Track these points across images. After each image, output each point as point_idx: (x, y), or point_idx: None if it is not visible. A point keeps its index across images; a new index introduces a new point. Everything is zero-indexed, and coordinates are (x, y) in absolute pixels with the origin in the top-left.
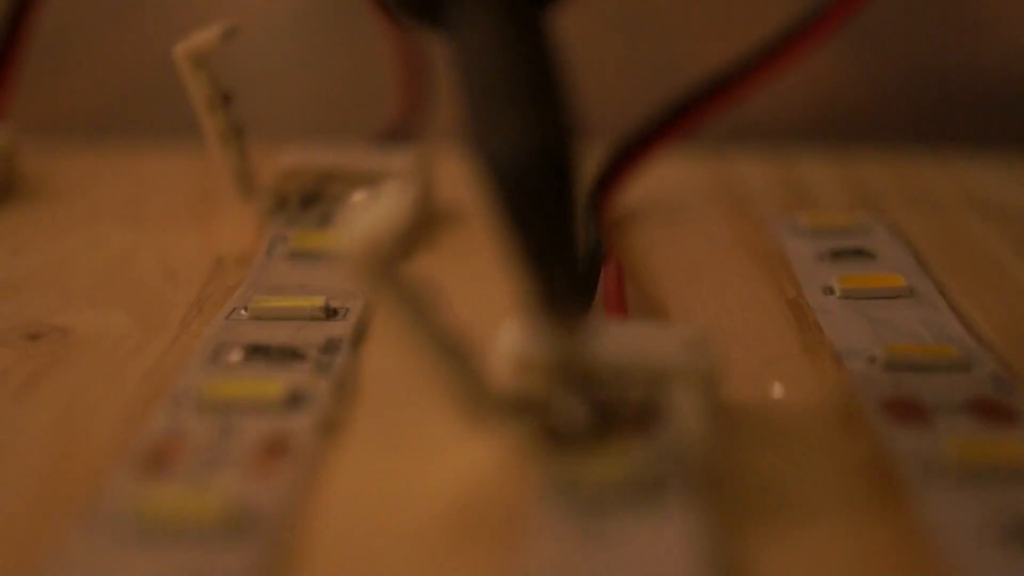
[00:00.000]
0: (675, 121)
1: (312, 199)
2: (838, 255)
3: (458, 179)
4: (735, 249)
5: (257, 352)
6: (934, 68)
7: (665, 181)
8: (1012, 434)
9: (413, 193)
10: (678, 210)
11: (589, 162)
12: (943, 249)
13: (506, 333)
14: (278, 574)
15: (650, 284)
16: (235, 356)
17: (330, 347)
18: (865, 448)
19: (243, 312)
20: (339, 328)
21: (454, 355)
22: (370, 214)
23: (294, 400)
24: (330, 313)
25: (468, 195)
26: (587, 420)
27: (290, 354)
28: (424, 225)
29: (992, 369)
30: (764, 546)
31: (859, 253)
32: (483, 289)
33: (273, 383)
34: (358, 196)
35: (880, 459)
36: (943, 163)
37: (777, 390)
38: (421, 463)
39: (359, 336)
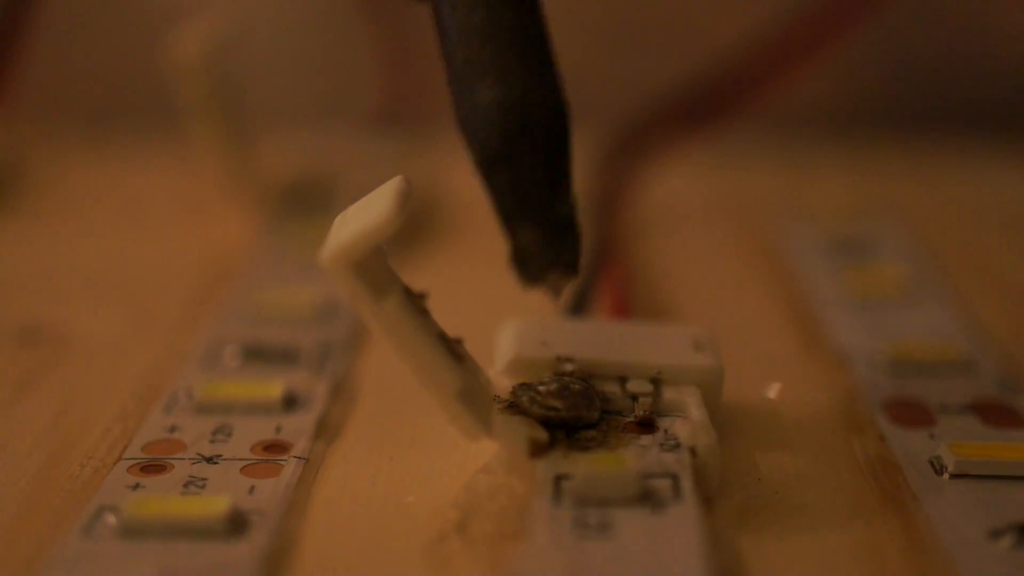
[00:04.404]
0: (687, 112)
1: (309, 197)
2: (843, 256)
3: (456, 175)
4: (739, 250)
5: (254, 353)
6: (951, 60)
7: (671, 184)
8: (1016, 435)
9: (407, 196)
10: (683, 212)
11: (592, 153)
12: (950, 248)
13: (503, 334)
14: (275, 575)
15: (654, 285)
16: (232, 357)
17: (328, 348)
18: (867, 449)
19: (240, 313)
20: (337, 329)
21: (442, 361)
22: (358, 220)
23: (291, 402)
24: (328, 313)
25: (466, 193)
26: (591, 418)
27: (287, 355)
28: (421, 225)
29: (997, 370)
30: (764, 546)
31: (864, 254)
32: (480, 290)
33: (271, 384)
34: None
35: (882, 460)
36: (955, 159)
37: (778, 390)
38: (419, 464)
39: (358, 337)
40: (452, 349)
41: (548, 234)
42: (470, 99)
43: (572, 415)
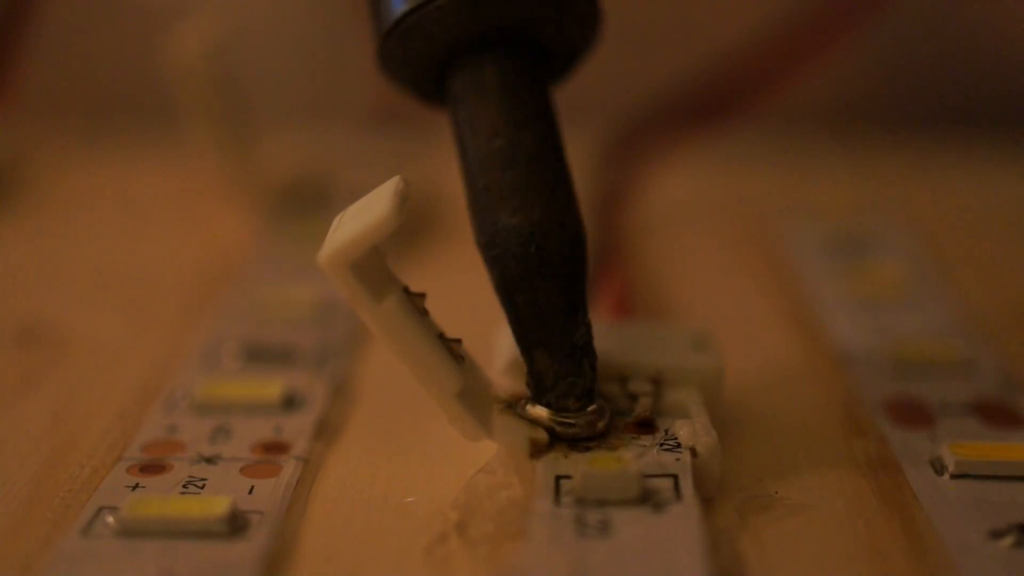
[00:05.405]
0: (687, 112)
1: (307, 197)
2: (843, 256)
3: (455, 175)
4: (739, 250)
5: (254, 353)
6: (952, 59)
7: (671, 184)
8: (1016, 435)
9: (405, 196)
10: (683, 212)
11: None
12: (951, 247)
13: (503, 335)
14: (275, 575)
15: (654, 285)
16: (232, 357)
17: (327, 348)
18: (867, 449)
19: (239, 313)
20: (337, 329)
21: (442, 361)
22: (356, 220)
23: (291, 402)
24: (327, 313)
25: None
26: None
27: (287, 355)
28: (420, 225)
29: (997, 370)
30: (764, 546)
31: (865, 254)
32: (480, 290)
33: (270, 385)
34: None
35: (882, 460)
36: (956, 159)
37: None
38: (419, 464)
39: (357, 337)
40: (452, 349)
41: (564, 362)
42: (490, 226)
43: (587, 432)
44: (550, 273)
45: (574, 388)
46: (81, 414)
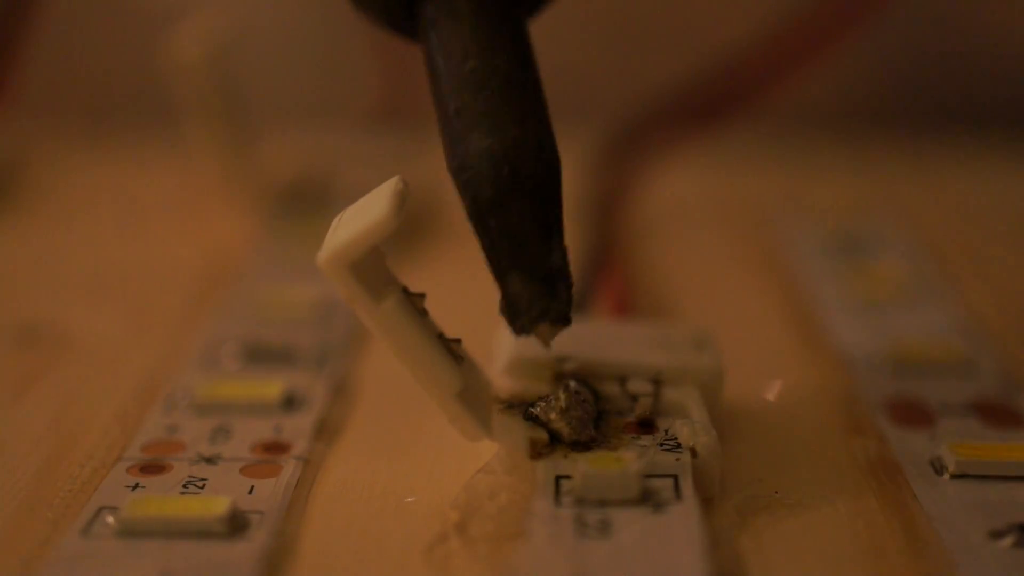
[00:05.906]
0: (687, 111)
1: (307, 197)
2: (843, 256)
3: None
4: (739, 250)
5: (254, 353)
6: (952, 59)
7: (671, 183)
8: (1016, 435)
9: (404, 196)
10: (683, 212)
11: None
12: (951, 248)
13: (503, 334)
14: (275, 575)
15: (654, 285)
16: (231, 357)
17: (327, 348)
18: (867, 449)
19: (239, 313)
20: (336, 329)
21: (441, 361)
22: (354, 221)
23: (291, 402)
24: (327, 313)
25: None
26: (587, 419)
27: (287, 355)
28: (420, 225)
29: (997, 370)
30: (764, 546)
31: (865, 254)
32: (480, 290)
33: (270, 384)
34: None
35: (882, 460)
36: (956, 159)
37: (778, 390)
38: (419, 464)
39: (357, 337)
40: (451, 349)
41: (539, 285)
42: (462, 149)
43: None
44: (524, 195)
45: (547, 312)
46: (81, 414)
